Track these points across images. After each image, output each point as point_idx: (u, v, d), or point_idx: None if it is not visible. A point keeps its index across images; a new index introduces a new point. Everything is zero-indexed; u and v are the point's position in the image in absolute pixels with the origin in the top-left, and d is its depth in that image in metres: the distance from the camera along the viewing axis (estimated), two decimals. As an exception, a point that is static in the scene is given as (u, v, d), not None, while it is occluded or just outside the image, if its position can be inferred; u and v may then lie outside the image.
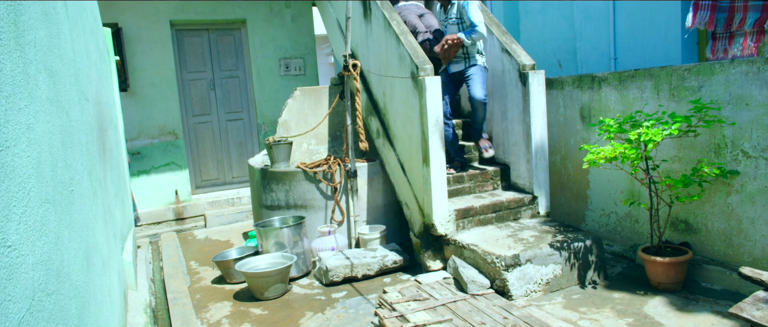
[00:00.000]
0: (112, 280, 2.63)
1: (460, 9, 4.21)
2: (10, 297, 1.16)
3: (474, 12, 4.12)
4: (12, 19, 1.38)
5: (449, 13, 4.32)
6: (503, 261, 3.38)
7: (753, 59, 3.14)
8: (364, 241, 4.47)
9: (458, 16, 4.23)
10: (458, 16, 4.23)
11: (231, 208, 6.78)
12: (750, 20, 3.70)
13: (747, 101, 3.16)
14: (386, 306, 3.35)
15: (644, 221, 3.87)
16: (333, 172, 4.56)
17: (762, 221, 3.16)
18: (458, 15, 4.23)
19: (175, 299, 3.80)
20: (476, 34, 4.10)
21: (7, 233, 1.18)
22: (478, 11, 4.17)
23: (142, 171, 6.61)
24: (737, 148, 3.24)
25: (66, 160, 1.88)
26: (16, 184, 1.27)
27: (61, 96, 1.94)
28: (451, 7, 4.29)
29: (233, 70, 7.19)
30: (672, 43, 4.36)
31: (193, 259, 5.09)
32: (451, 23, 4.29)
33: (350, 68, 4.57)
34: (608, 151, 3.34)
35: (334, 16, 6.13)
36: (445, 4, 4.35)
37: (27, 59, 1.49)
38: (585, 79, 4.23)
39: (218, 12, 6.91)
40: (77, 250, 1.85)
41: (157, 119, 6.67)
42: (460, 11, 4.21)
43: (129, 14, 6.45)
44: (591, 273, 3.61)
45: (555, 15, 5.60)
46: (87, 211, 2.18)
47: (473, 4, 4.15)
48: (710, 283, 3.42)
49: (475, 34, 4.11)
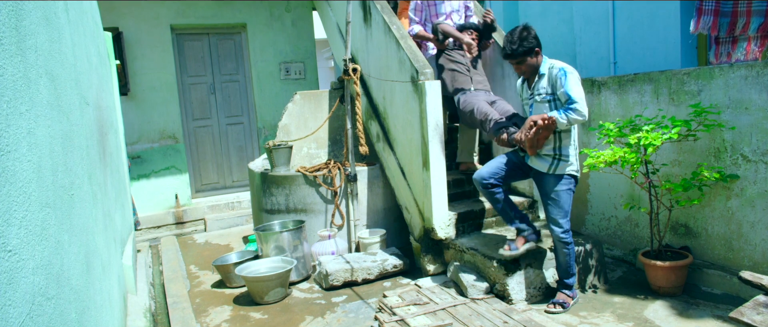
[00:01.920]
0: (111, 284, 2.63)
1: (552, 80, 3.16)
2: (10, 301, 1.15)
3: (573, 85, 3.08)
4: (14, 24, 1.39)
5: (537, 88, 3.25)
6: (503, 265, 3.37)
7: (752, 63, 3.15)
8: (364, 245, 4.46)
9: (551, 89, 3.18)
10: (551, 89, 3.18)
11: (231, 212, 6.77)
12: (754, 25, 3.71)
13: (746, 105, 3.16)
14: (386, 310, 3.35)
15: (644, 225, 3.87)
16: (333, 176, 4.56)
17: (762, 225, 3.15)
18: (551, 88, 3.18)
19: (175, 303, 3.79)
20: (575, 113, 3.04)
21: (7, 238, 1.18)
22: (579, 85, 3.12)
23: (142, 175, 6.61)
24: (737, 152, 3.24)
25: (66, 164, 1.88)
26: (16, 189, 1.27)
27: (62, 100, 1.95)
28: (540, 79, 3.23)
29: (233, 74, 7.20)
30: (671, 47, 4.37)
31: (193, 263, 5.09)
32: (540, 100, 3.23)
33: (350, 72, 4.58)
34: (608, 155, 3.34)
35: (334, 20, 6.15)
36: (531, 77, 3.29)
37: (28, 64, 1.50)
38: (585, 83, 4.23)
39: (219, 16, 6.92)
40: (77, 254, 1.85)
41: (158, 123, 6.67)
42: (553, 83, 3.16)
43: (129, 18, 6.46)
44: (591, 277, 3.61)
45: (555, 19, 5.61)
46: (87, 215, 2.18)
47: (572, 74, 3.11)
48: (711, 287, 3.41)
49: (573, 112, 3.04)
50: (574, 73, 3.13)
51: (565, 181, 3.20)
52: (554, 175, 3.21)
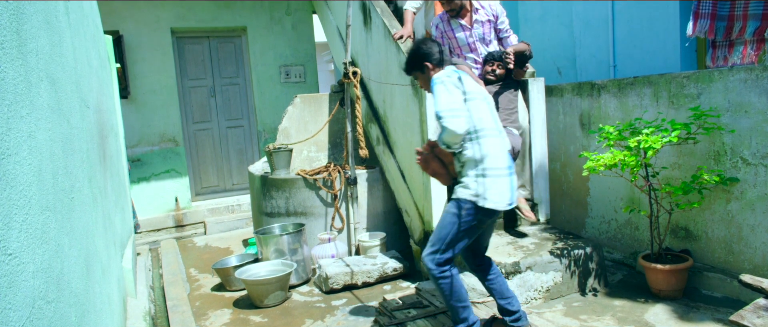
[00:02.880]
0: (111, 287, 2.63)
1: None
2: (10, 305, 1.15)
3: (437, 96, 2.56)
4: (15, 28, 1.39)
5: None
6: (503, 268, 3.37)
7: (751, 67, 3.15)
8: (364, 249, 4.46)
9: None
10: None
11: (231, 215, 6.77)
12: (750, 29, 3.71)
13: (746, 109, 3.17)
14: (386, 313, 3.35)
15: (644, 228, 3.87)
16: (333, 179, 4.56)
17: (762, 228, 3.15)
18: None
19: (175, 307, 3.79)
20: (443, 130, 2.54)
21: (8, 241, 1.18)
22: (445, 93, 2.54)
23: (142, 178, 6.61)
24: (737, 155, 3.24)
25: (67, 167, 1.88)
26: (17, 192, 1.27)
27: (63, 104, 1.95)
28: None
29: (234, 78, 7.21)
30: (671, 51, 4.38)
31: (193, 266, 5.08)
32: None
33: (350, 76, 4.58)
34: (608, 158, 3.34)
35: (334, 23, 6.16)
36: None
37: (29, 67, 1.50)
38: (584, 86, 4.24)
39: (219, 20, 6.94)
40: (77, 257, 1.85)
41: (158, 126, 6.68)
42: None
43: (130, 22, 6.47)
44: (591, 280, 3.61)
45: (554, 22, 5.63)
46: (87, 218, 2.18)
47: (439, 84, 2.59)
48: (711, 290, 3.41)
49: (442, 131, 2.55)
50: (441, 83, 2.58)
51: (453, 205, 2.65)
52: (451, 199, 2.72)
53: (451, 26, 3.92)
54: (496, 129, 2.66)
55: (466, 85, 2.60)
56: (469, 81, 2.64)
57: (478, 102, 2.61)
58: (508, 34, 3.95)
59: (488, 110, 2.65)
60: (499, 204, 2.56)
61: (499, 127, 2.71)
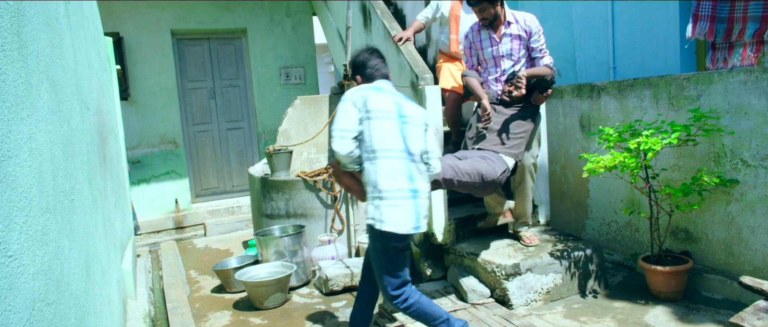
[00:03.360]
0: (111, 289, 2.63)
1: None
2: (10, 307, 1.15)
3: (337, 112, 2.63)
4: (15, 29, 1.39)
5: None
6: (503, 270, 3.37)
7: (751, 69, 3.16)
8: (364, 250, 4.46)
9: None
10: None
11: (231, 217, 6.77)
12: (749, 31, 3.71)
13: (746, 110, 3.17)
14: (386, 316, 3.34)
15: (644, 230, 3.87)
16: (333, 180, 4.56)
17: (762, 230, 3.15)
18: None
19: (175, 309, 3.79)
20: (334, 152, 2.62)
21: (8, 243, 1.18)
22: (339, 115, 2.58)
23: (142, 180, 6.61)
24: (737, 156, 3.24)
25: (67, 169, 1.88)
26: (17, 194, 1.27)
27: (63, 105, 1.95)
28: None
29: (234, 79, 7.21)
30: (671, 53, 4.38)
31: (193, 268, 5.08)
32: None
33: (350, 77, 4.58)
34: (608, 160, 3.34)
35: (334, 25, 6.17)
36: None
37: (30, 69, 1.50)
38: (584, 88, 4.25)
39: (219, 21, 6.94)
40: (77, 259, 1.85)
41: (158, 128, 6.68)
42: None
43: (130, 24, 6.48)
44: (591, 282, 3.61)
45: (554, 24, 5.63)
46: (87, 220, 2.18)
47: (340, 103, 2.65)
48: (711, 292, 3.41)
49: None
50: (342, 101, 2.60)
51: (369, 234, 2.62)
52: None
53: (480, 37, 3.64)
54: (401, 150, 2.52)
55: (371, 103, 2.53)
56: (377, 99, 2.56)
57: (381, 121, 2.51)
58: (541, 55, 3.56)
59: (395, 130, 2.53)
60: (398, 227, 2.46)
61: (411, 147, 2.57)
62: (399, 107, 2.60)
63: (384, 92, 2.62)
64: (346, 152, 2.51)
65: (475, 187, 3.16)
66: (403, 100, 2.67)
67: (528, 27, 3.54)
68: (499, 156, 3.31)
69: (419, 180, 2.57)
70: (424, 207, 2.58)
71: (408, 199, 2.48)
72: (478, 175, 3.08)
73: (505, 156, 3.34)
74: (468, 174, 3.06)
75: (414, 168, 2.56)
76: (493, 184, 3.21)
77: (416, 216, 2.51)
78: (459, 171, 3.05)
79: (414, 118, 2.63)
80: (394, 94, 2.67)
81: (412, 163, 2.55)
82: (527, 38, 3.55)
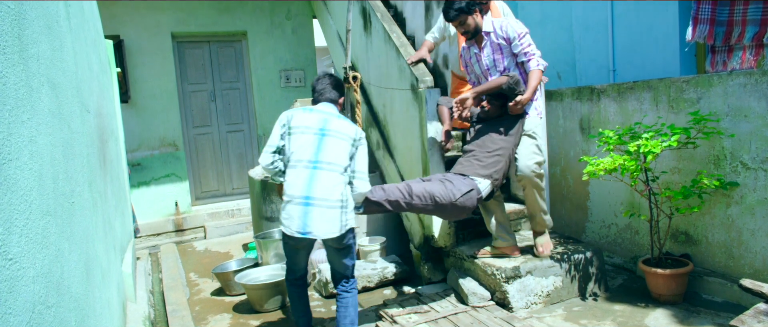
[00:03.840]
0: (111, 292, 2.62)
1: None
2: (10, 310, 1.15)
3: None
4: (16, 33, 1.40)
5: None
6: (503, 273, 3.37)
7: (751, 71, 3.16)
8: (363, 253, 4.46)
9: None
10: None
11: (231, 219, 6.77)
12: (749, 34, 3.71)
13: (746, 113, 3.17)
14: (387, 318, 3.34)
15: (644, 233, 3.87)
16: (333, 183, 4.56)
17: (762, 233, 3.15)
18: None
19: (175, 311, 3.78)
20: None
21: (8, 246, 1.18)
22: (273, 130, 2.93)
23: (142, 182, 6.61)
24: (736, 159, 3.25)
25: (67, 172, 1.88)
26: (18, 197, 1.28)
27: (63, 108, 1.95)
28: None
29: (234, 82, 7.22)
30: (670, 55, 4.39)
31: (193, 270, 5.08)
32: None
33: (350, 80, 4.59)
34: (608, 162, 3.35)
35: (334, 28, 6.18)
36: None
37: (30, 72, 1.51)
38: (584, 90, 4.25)
39: (219, 24, 6.95)
40: (77, 262, 1.85)
41: (158, 130, 6.68)
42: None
43: (131, 26, 6.49)
44: (592, 285, 3.60)
45: (554, 27, 5.64)
46: (87, 222, 2.18)
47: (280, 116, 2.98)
48: (711, 295, 3.40)
49: None
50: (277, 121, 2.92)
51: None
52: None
53: (470, 53, 3.56)
54: (309, 160, 2.73)
55: (294, 121, 2.82)
56: (302, 117, 2.84)
57: (299, 136, 2.79)
58: (526, 59, 3.37)
59: (309, 143, 2.77)
60: (286, 229, 2.72)
61: (322, 158, 2.74)
62: (324, 123, 2.82)
63: (313, 111, 2.89)
64: (265, 164, 2.83)
65: (429, 210, 3.12)
66: (335, 119, 2.86)
67: (505, 34, 3.38)
68: (467, 179, 3.21)
69: (322, 189, 2.69)
70: (324, 215, 2.67)
71: (299, 206, 2.68)
72: (430, 198, 3.05)
73: (476, 177, 3.23)
74: (419, 197, 3.05)
75: (320, 176, 2.71)
76: (454, 207, 3.10)
77: (303, 222, 2.67)
78: (409, 193, 3.06)
79: (339, 132, 2.81)
80: (326, 113, 2.88)
81: (317, 172, 2.71)
82: (508, 45, 3.40)
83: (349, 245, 2.83)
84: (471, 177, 3.22)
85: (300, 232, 2.67)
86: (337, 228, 2.68)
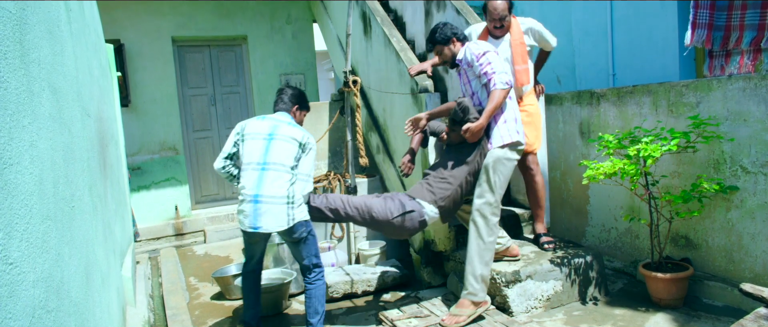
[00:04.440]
0: (111, 296, 2.62)
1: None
2: (10, 315, 1.15)
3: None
4: (18, 37, 1.40)
5: None
6: (503, 277, 3.36)
7: (749, 76, 3.16)
8: (364, 257, 4.45)
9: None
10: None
11: (231, 223, 6.76)
12: (746, 39, 3.73)
13: (745, 117, 3.18)
14: (387, 322, 3.33)
15: (644, 237, 3.87)
16: (333, 187, 4.56)
17: (762, 237, 3.15)
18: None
19: (174, 316, 3.78)
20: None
21: (9, 250, 1.18)
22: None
23: (142, 186, 6.61)
24: (736, 163, 3.25)
25: (67, 176, 1.88)
26: (18, 202, 1.28)
27: (64, 113, 1.96)
28: None
29: (234, 86, 7.23)
30: (670, 60, 4.40)
31: (193, 274, 5.07)
32: None
33: (350, 84, 4.60)
34: (607, 166, 3.35)
35: (334, 32, 6.19)
36: None
37: (31, 77, 1.51)
38: (584, 95, 4.26)
39: (219, 29, 6.97)
40: (77, 266, 1.85)
41: (158, 134, 6.69)
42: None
43: (131, 31, 6.50)
44: (592, 289, 3.60)
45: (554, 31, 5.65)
46: (87, 227, 2.18)
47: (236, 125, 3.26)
48: (712, 299, 3.40)
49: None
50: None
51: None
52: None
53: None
54: (258, 162, 2.98)
55: (247, 129, 3.11)
56: (254, 125, 3.11)
57: (250, 141, 3.06)
58: (486, 80, 3.17)
59: (259, 147, 3.02)
60: (243, 225, 3.01)
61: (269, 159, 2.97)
62: (273, 129, 3.07)
63: (265, 119, 3.15)
64: (217, 168, 3.13)
65: (366, 223, 3.19)
66: (284, 125, 3.09)
67: (465, 59, 3.32)
68: (414, 201, 3.17)
69: (269, 187, 2.92)
70: (271, 211, 2.91)
71: (251, 203, 2.94)
72: (368, 213, 3.11)
73: (422, 201, 3.17)
74: (357, 208, 3.13)
75: (267, 176, 2.94)
76: (391, 225, 3.10)
77: (253, 217, 2.93)
78: (348, 203, 3.17)
79: (286, 135, 3.04)
80: (276, 121, 3.13)
81: (265, 172, 2.95)
82: (471, 69, 3.30)
83: (302, 238, 3.02)
84: (418, 200, 3.18)
85: (251, 227, 2.94)
86: (285, 222, 2.90)
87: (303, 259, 3.12)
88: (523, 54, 3.57)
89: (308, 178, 3.07)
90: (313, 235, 3.09)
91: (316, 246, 3.12)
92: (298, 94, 3.33)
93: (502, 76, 3.13)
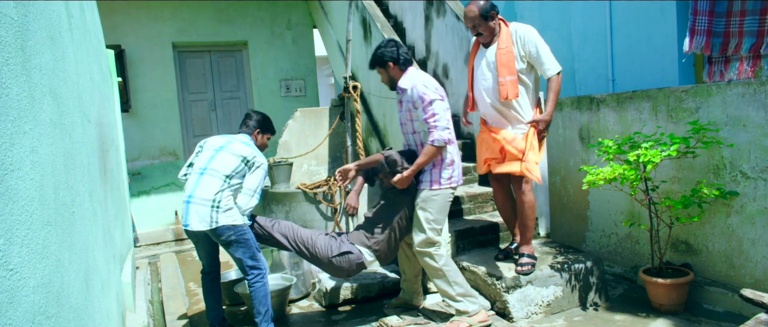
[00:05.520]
0: (110, 302, 2.62)
1: None
2: (11, 321, 1.15)
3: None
4: (19, 44, 1.41)
5: None
6: (504, 282, 3.36)
7: (749, 82, 3.17)
8: (364, 263, 4.44)
9: None
10: None
11: (230, 228, 6.75)
12: (746, 45, 3.73)
13: (744, 122, 3.18)
14: (387, 325, 3.33)
15: (645, 242, 3.87)
16: (333, 193, 4.57)
17: (762, 242, 3.15)
18: None
19: (174, 321, 3.77)
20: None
21: (9, 256, 1.19)
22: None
23: (142, 191, 6.61)
24: (736, 169, 3.25)
25: (68, 182, 1.88)
26: (19, 207, 1.28)
27: (65, 118, 1.96)
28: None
29: (234, 91, 7.24)
30: (669, 65, 4.41)
31: (193, 280, 5.06)
32: None
33: (350, 90, 4.61)
34: (607, 172, 3.35)
35: (334, 38, 6.21)
36: None
37: (33, 83, 1.51)
38: (583, 100, 4.26)
39: (220, 34, 6.99)
40: (77, 272, 1.85)
41: (158, 140, 6.70)
42: None
43: (132, 36, 6.52)
44: (592, 294, 3.59)
45: (553, 36, 5.67)
46: (87, 232, 2.18)
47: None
48: (712, 304, 3.40)
49: None
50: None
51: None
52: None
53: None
54: (200, 168, 3.19)
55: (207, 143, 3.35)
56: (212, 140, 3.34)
57: (203, 153, 3.30)
58: (427, 128, 3.09)
59: (205, 157, 3.24)
60: (182, 223, 3.22)
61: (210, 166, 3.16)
62: (225, 144, 3.28)
63: (225, 136, 3.39)
64: (179, 175, 3.39)
65: (307, 257, 3.32)
66: (238, 143, 3.28)
67: (411, 96, 3.16)
68: (353, 245, 3.29)
69: (201, 190, 3.11)
70: (198, 211, 3.08)
71: (185, 204, 3.17)
72: (312, 248, 3.27)
73: (360, 245, 3.28)
74: (304, 241, 3.30)
75: (203, 180, 3.14)
76: (331, 264, 3.24)
77: (186, 216, 3.14)
78: (297, 234, 3.33)
79: (233, 149, 3.22)
80: (233, 138, 3.33)
81: (203, 177, 3.14)
82: (416, 110, 3.16)
83: (229, 242, 3.14)
84: (356, 245, 3.30)
85: (184, 226, 3.17)
86: (207, 223, 3.06)
87: (238, 261, 3.26)
88: (509, 64, 3.24)
89: (254, 193, 3.22)
90: (244, 239, 3.17)
91: (251, 249, 3.21)
92: (262, 119, 3.54)
93: (443, 134, 3.06)
